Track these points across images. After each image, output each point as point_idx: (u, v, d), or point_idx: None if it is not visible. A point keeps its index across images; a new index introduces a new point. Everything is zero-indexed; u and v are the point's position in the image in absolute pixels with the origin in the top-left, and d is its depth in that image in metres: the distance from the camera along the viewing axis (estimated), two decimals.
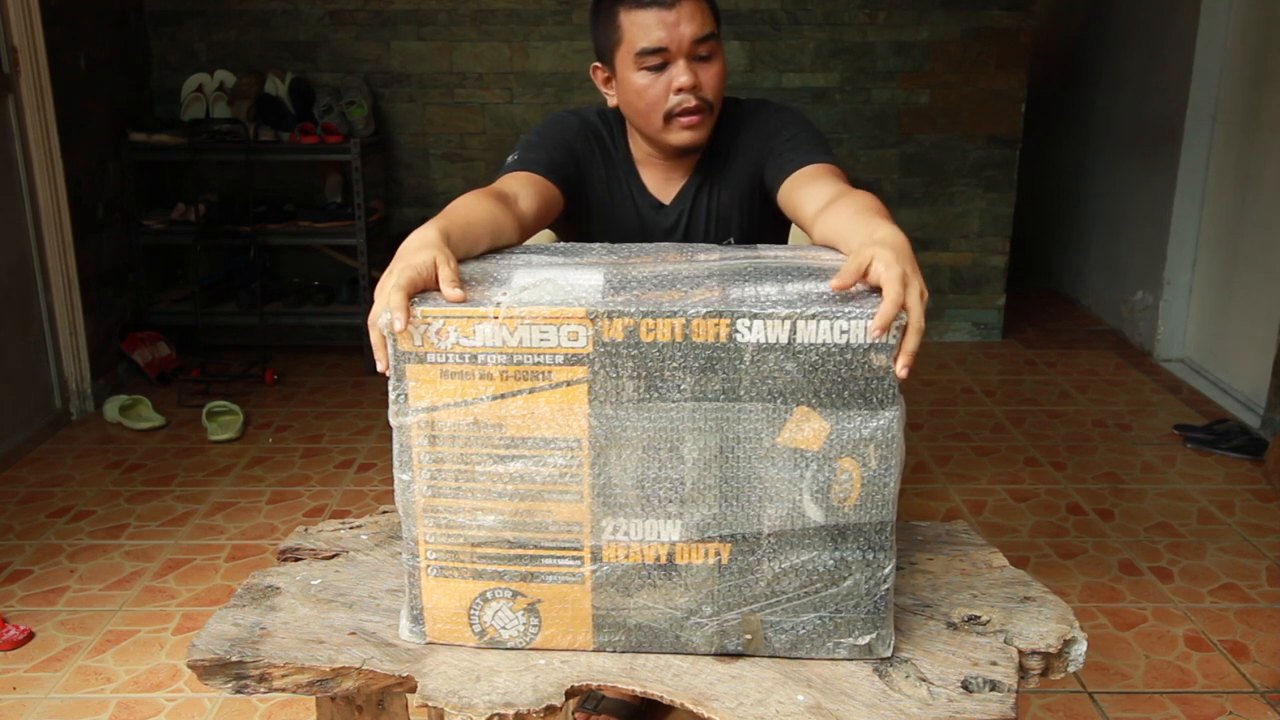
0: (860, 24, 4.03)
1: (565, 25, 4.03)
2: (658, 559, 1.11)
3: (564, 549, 1.12)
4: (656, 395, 1.07)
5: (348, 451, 3.19)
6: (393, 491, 1.15)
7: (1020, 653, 1.14)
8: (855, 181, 1.43)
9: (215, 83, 3.91)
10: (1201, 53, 3.78)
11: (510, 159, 1.56)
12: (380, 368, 1.08)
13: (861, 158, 4.15)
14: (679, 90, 1.51)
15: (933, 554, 1.36)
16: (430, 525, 1.13)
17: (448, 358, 1.07)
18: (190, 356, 3.91)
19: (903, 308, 1.02)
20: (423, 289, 1.09)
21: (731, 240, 1.68)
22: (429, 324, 1.06)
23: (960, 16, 4.02)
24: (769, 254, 1.23)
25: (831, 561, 1.10)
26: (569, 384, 1.07)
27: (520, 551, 1.12)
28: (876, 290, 1.06)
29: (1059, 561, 2.52)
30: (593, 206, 1.66)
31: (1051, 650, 1.14)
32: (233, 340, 4.04)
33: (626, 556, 1.11)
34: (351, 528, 1.45)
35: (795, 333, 1.04)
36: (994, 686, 1.07)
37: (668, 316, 1.04)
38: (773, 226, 1.69)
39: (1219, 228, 3.81)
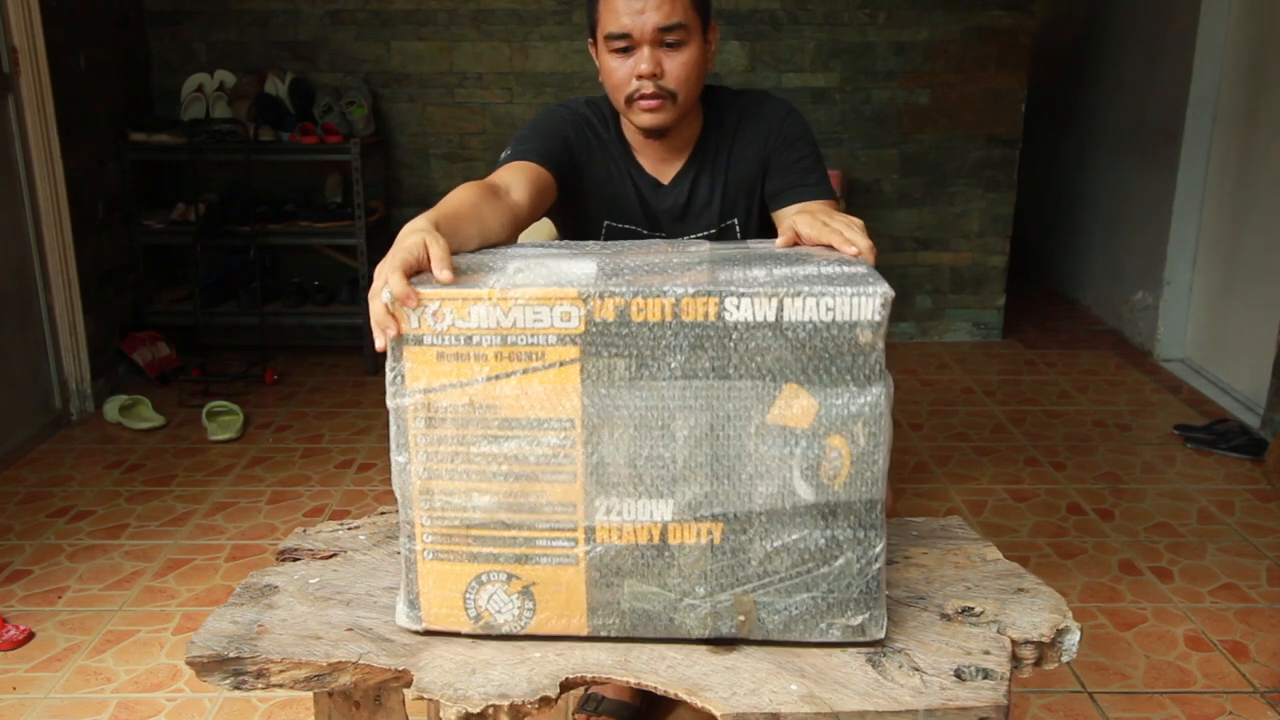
0: (860, 24, 4.04)
1: (565, 25, 4.03)
2: (650, 539, 1.12)
3: (558, 530, 1.13)
4: (647, 374, 1.08)
5: (348, 451, 3.19)
6: (392, 492, 1.16)
7: (1013, 642, 1.14)
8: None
9: (215, 83, 3.92)
10: (1201, 53, 3.78)
11: (503, 155, 1.59)
12: (379, 345, 1.10)
13: (861, 158, 4.15)
14: (639, 77, 1.56)
15: (927, 548, 1.36)
16: (426, 508, 1.14)
17: (444, 339, 1.08)
18: (190, 356, 3.92)
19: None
20: (417, 270, 1.11)
21: (735, 222, 1.71)
22: (426, 305, 1.08)
23: (960, 16, 4.03)
24: (759, 247, 1.26)
25: (823, 540, 1.11)
26: (562, 364, 1.08)
27: (515, 533, 1.13)
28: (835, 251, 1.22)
29: (1059, 561, 2.52)
30: (592, 189, 1.69)
31: (1044, 640, 1.14)
32: (233, 340, 4.04)
33: (620, 537, 1.12)
34: (350, 528, 1.46)
35: (782, 310, 1.06)
36: (987, 675, 1.08)
37: (657, 296, 1.06)
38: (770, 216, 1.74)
39: (1219, 228, 3.81)
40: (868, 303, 1.05)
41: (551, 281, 1.09)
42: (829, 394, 1.07)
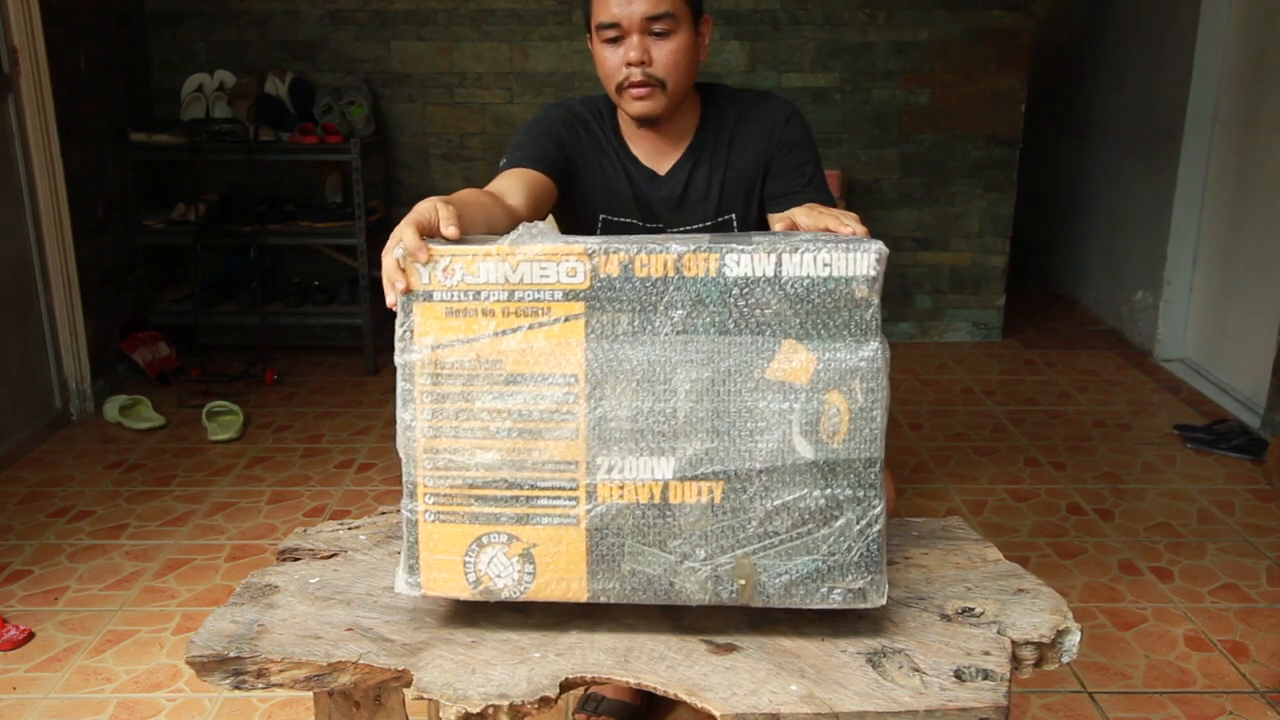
0: (860, 24, 4.04)
1: (565, 25, 4.03)
2: (652, 498, 1.13)
3: (559, 489, 1.14)
4: (650, 329, 1.11)
5: (348, 451, 3.19)
6: (393, 492, 1.16)
7: (1013, 643, 1.14)
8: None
9: (215, 83, 3.92)
10: (1201, 53, 3.78)
11: (500, 163, 1.63)
12: (390, 302, 1.13)
13: (861, 158, 4.15)
14: (628, 64, 1.59)
15: (927, 548, 1.36)
16: (430, 468, 1.15)
17: (453, 295, 1.11)
18: (190, 356, 3.91)
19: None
20: (430, 233, 1.15)
21: (733, 217, 1.73)
22: (437, 261, 1.11)
23: (960, 16, 4.02)
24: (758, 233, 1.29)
25: (822, 500, 1.12)
26: (567, 319, 1.11)
27: (516, 493, 1.14)
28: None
29: (1059, 561, 2.52)
30: (587, 183, 1.71)
31: (1044, 640, 1.15)
32: (233, 340, 4.04)
33: (620, 496, 1.13)
34: (350, 528, 1.46)
35: (780, 265, 1.09)
36: (987, 675, 1.08)
37: (660, 253, 1.10)
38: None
39: (1219, 228, 3.81)
40: (863, 258, 1.09)
41: (559, 241, 1.12)
42: (827, 349, 1.10)
